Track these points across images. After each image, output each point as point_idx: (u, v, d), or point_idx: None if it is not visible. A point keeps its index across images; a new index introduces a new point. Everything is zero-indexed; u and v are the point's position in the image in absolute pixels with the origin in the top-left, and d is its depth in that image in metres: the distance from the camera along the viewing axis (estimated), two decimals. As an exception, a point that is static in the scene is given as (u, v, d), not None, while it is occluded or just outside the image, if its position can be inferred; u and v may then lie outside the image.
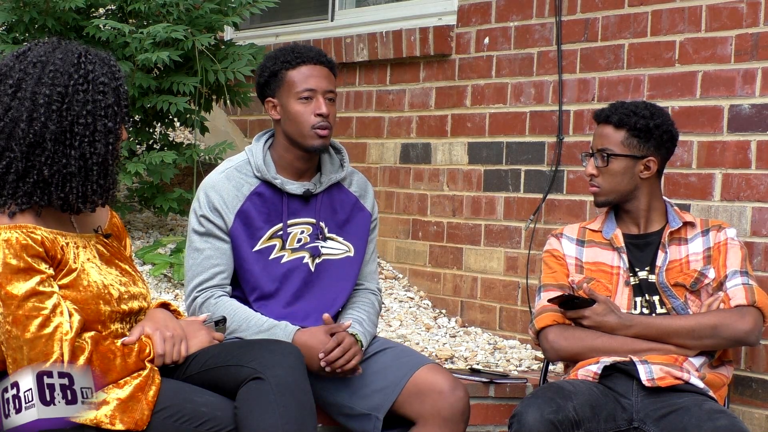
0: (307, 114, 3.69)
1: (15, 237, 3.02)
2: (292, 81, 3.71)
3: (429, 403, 3.57)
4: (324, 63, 3.75)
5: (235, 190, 3.72)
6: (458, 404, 3.58)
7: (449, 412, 3.57)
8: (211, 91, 5.62)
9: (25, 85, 3.07)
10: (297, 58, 3.72)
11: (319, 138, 3.70)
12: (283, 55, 3.75)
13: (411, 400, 3.59)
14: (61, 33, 5.33)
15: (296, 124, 3.70)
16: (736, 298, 3.72)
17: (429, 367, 3.64)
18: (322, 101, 3.70)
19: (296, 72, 3.72)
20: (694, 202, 4.38)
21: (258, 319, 3.63)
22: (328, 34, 6.13)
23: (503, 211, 5.17)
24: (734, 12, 4.29)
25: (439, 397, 3.57)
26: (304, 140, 3.71)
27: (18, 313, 3.00)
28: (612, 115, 3.81)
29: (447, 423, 3.56)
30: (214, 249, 3.71)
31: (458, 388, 3.60)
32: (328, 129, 3.71)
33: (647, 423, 3.60)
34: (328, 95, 3.72)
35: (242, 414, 3.17)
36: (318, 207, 3.78)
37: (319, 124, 3.69)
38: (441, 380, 3.59)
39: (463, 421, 3.60)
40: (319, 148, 3.72)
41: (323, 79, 3.72)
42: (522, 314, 5.05)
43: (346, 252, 3.82)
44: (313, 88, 3.70)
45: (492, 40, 5.24)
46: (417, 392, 3.58)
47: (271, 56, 3.79)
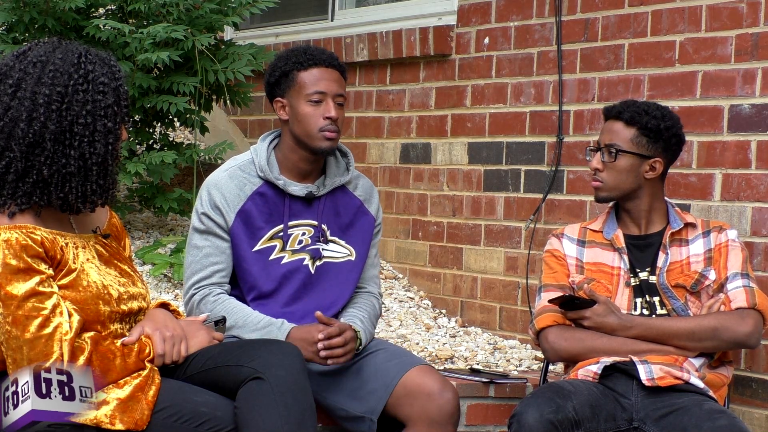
0: (316, 116, 3.69)
1: (15, 237, 3.02)
2: (303, 82, 3.71)
3: (418, 405, 3.55)
4: (336, 67, 3.75)
5: (237, 189, 3.72)
6: (446, 406, 3.56)
7: (437, 414, 3.55)
8: (211, 91, 5.62)
9: (25, 85, 3.07)
10: (309, 60, 3.72)
11: (327, 141, 3.70)
12: (296, 55, 3.74)
13: (401, 402, 3.57)
14: (61, 33, 5.33)
15: (304, 126, 3.70)
16: (737, 301, 3.72)
17: (419, 368, 3.62)
18: (332, 105, 3.70)
19: (307, 74, 3.71)
20: (694, 202, 4.38)
21: (255, 316, 3.64)
22: (328, 34, 6.13)
23: (503, 211, 5.17)
24: (734, 12, 4.29)
25: (428, 399, 3.55)
26: (312, 142, 3.70)
27: (18, 314, 3.00)
28: (624, 111, 3.80)
29: (435, 425, 3.54)
30: (213, 247, 3.71)
31: (447, 390, 3.58)
32: (336, 132, 3.71)
33: (647, 423, 3.60)
34: (338, 99, 3.72)
35: (242, 414, 3.17)
36: (320, 209, 3.78)
37: (327, 127, 3.69)
38: (430, 382, 3.57)
39: (451, 423, 3.58)
40: (327, 151, 3.72)
41: (334, 82, 3.72)
42: (522, 314, 5.05)
43: (348, 256, 3.81)
44: (323, 90, 3.70)
45: (492, 40, 5.24)
46: (406, 394, 3.57)
47: (282, 56, 3.77)
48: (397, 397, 3.58)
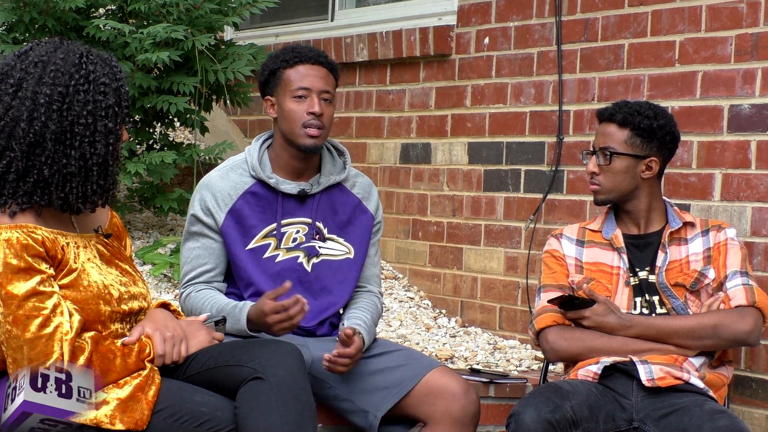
0: (299, 112, 3.70)
1: (15, 237, 3.02)
2: (289, 79, 3.74)
3: (441, 405, 3.59)
4: (323, 63, 3.76)
5: (228, 189, 3.74)
6: (470, 407, 3.61)
7: (461, 413, 3.59)
8: (211, 91, 5.62)
9: (26, 85, 3.07)
10: (295, 57, 3.75)
11: (309, 138, 3.70)
12: (283, 54, 3.78)
13: (421, 402, 3.61)
14: (62, 33, 5.33)
15: (289, 122, 3.72)
16: (737, 299, 3.72)
17: (441, 369, 3.67)
18: (317, 100, 3.70)
19: (293, 71, 3.74)
20: (694, 202, 4.38)
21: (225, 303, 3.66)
22: (328, 34, 6.14)
23: (503, 211, 5.17)
24: (734, 12, 4.29)
25: (452, 399, 3.59)
26: (296, 139, 3.72)
27: (18, 313, 3.00)
28: (616, 113, 3.81)
29: (457, 424, 3.59)
30: (203, 248, 3.75)
31: (471, 392, 3.63)
32: (320, 129, 3.70)
33: (647, 423, 3.60)
34: (324, 95, 3.73)
35: (242, 414, 3.17)
36: (315, 207, 3.78)
37: (309, 122, 3.69)
38: (454, 383, 3.62)
39: (473, 423, 3.63)
40: (311, 148, 3.72)
41: (320, 79, 3.73)
42: (522, 314, 5.05)
43: (346, 253, 3.82)
44: (307, 87, 3.72)
45: (492, 40, 5.24)
46: (428, 393, 3.61)
47: (272, 55, 3.82)
48: (417, 396, 3.61)
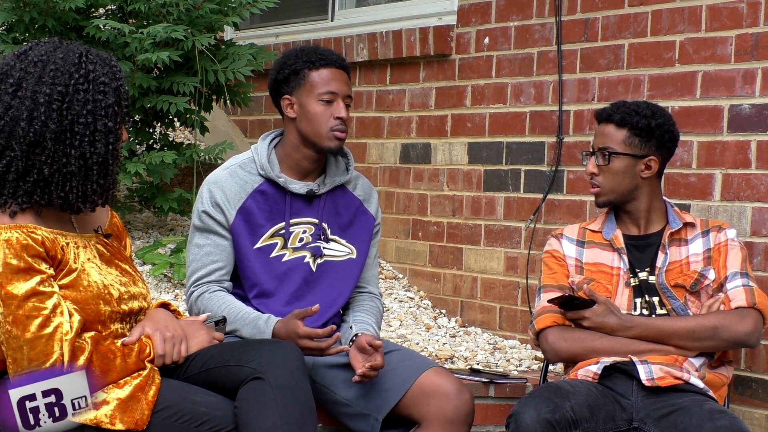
0: (326, 116, 3.73)
1: (15, 237, 3.02)
2: (314, 82, 3.74)
3: (434, 405, 3.58)
4: (344, 68, 3.81)
5: (237, 187, 3.74)
6: (464, 407, 3.59)
7: (454, 414, 3.58)
8: (211, 91, 5.62)
9: (25, 84, 3.07)
10: (321, 60, 3.76)
11: (337, 140, 3.74)
12: (306, 54, 3.78)
13: (416, 402, 3.60)
14: (61, 33, 5.33)
15: (314, 125, 3.73)
16: (737, 300, 3.72)
17: (435, 369, 3.66)
18: (342, 105, 3.75)
19: (318, 73, 3.75)
20: (694, 202, 4.38)
21: (246, 311, 3.66)
22: (328, 34, 6.14)
23: (503, 211, 5.17)
24: (734, 12, 4.29)
25: (446, 400, 3.58)
26: (321, 141, 3.74)
27: (18, 313, 3.00)
28: (614, 114, 3.81)
29: (451, 425, 3.57)
30: (213, 245, 3.73)
31: (464, 392, 3.62)
32: (345, 132, 3.76)
33: (647, 423, 3.60)
34: (347, 100, 3.78)
35: (242, 414, 3.17)
36: (321, 208, 3.80)
37: (338, 127, 3.73)
38: (447, 383, 3.61)
39: (467, 423, 3.61)
40: (335, 150, 3.77)
41: (344, 83, 3.77)
42: (522, 314, 5.05)
43: (349, 254, 3.83)
44: (335, 91, 3.74)
45: (492, 40, 5.24)
46: (422, 394, 3.60)
47: (292, 54, 3.81)
48: (413, 397, 3.60)
